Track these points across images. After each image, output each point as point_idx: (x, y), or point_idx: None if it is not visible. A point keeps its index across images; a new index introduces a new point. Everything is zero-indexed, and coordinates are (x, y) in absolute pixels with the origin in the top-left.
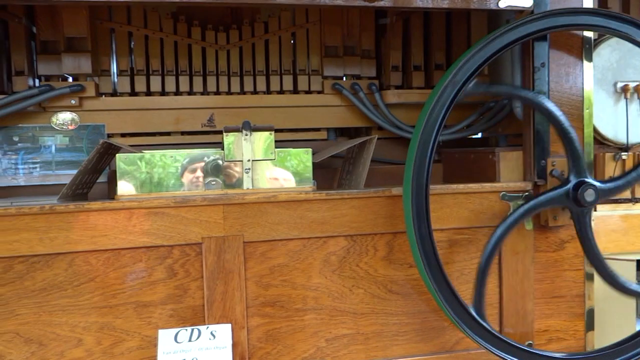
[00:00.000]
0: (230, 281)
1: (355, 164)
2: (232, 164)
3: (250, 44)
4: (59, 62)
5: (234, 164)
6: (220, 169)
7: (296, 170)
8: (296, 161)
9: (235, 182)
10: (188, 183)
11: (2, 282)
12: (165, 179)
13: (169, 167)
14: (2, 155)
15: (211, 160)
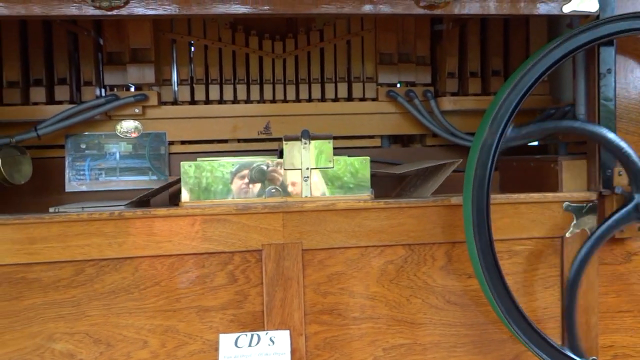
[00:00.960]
0: (289, 288)
1: (426, 180)
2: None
3: (306, 53)
4: (124, 73)
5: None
6: (278, 177)
7: (354, 178)
8: (354, 169)
9: (293, 190)
10: (249, 190)
11: (74, 284)
12: (227, 186)
13: (232, 174)
14: (71, 161)
15: (269, 168)
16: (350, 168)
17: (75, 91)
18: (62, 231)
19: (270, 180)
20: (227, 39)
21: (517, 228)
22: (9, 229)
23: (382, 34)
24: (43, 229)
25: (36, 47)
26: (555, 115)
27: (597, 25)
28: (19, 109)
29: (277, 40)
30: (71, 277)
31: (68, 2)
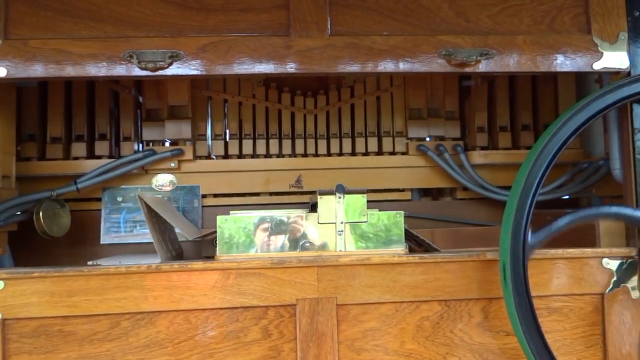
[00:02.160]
0: (323, 344)
1: None
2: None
3: (337, 108)
4: (161, 128)
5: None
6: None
7: (388, 232)
8: (388, 223)
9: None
10: (283, 244)
11: (109, 337)
12: (263, 240)
13: (267, 228)
14: (107, 214)
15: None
16: (384, 222)
17: (115, 146)
18: (100, 284)
19: (291, 232)
20: (261, 96)
21: (555, 284)
22: (49, 281)
23: (411, 90)
24: (82, 282)
25: (79, 105)
26: (588, 170)
27: (630, 82)
28: (60, 163)
29: (308, 97)
30: (107, 330)
31: (116, 63)
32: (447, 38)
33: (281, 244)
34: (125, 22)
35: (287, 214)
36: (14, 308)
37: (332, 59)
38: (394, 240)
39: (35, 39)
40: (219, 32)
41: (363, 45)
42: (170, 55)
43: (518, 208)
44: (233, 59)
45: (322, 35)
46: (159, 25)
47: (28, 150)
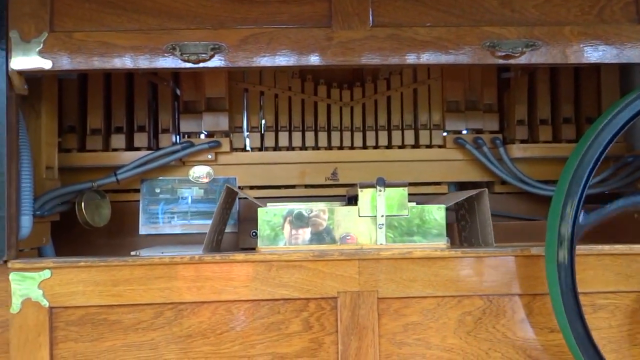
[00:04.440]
0: (364, 337)
1: (472, 219)
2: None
3: (373, 101)
4: (199, 120)
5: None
6: (321, 223)
7: (429, 226)
8: (430, 217)
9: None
10: (324, 237)
11: (153, 327)
12: (304, 233)
13: (306, 220)
14: (145, 205)
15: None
16: (426, 216)
17: (153, 138)
18: (144, 274)
19: (330, 225)
20: (297, 88)
21: (601, 281)
22: (94, 271)
23: (448, 82)
24: (126, 272)
25: (118, 97)
26: (633, 164)
27: None
28: (100, 154)
29: (344, 89)
30: (151, 319)
31: (159, 56)
32: (492, 29)
33: (321, 237)
34: (168, 14)
35: (327, 206)
36: (61, 297)
37: (374, 51)
38: (435, 234)
39: (79, 32)
40: (261, 24)
41: (405, 36)
42: (213, 47)
43: (567, 200)
44: (274, 50)
45: (364, 26)
46: (202, 17)
47: (69, 141)
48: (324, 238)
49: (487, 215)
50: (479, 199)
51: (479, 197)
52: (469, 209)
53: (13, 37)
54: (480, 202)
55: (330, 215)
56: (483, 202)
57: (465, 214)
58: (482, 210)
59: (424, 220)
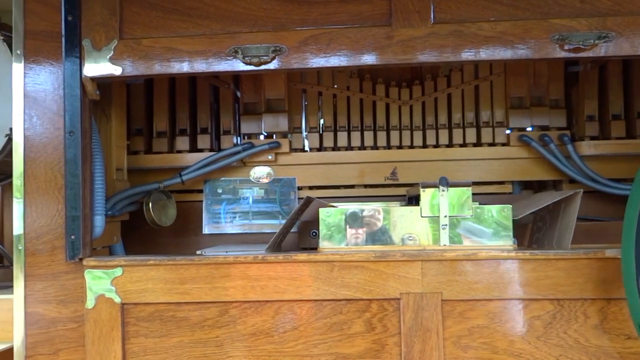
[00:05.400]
0: (428, 340)
1: (553, 221)
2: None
3: (433, 99)
4: (259, 122)
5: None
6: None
7: (495, 227)
8: (495, 217)
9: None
10: (386, 238)
11: (218, 324)
12: (366, 233)
13: (369, 221)
14: (208, 205)
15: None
16: (491, 216)
17: (215, 139)
18: (210, 273)
19: (392, 225)
20: (355, 88)
21: None
22: (162, 269)
23: (512, 77)
24: (193, 270)
25: (182, 100)
26: None
27: None
28: (165, 156)
29: (403, 88)
30: (216, 317)
31: (222, 59)
32: (561, 21)
33: (382, 237)
34: (230, 18)
35: (388, 207)
36: (132, 293)
37: (436, 48)
38: (501, 235)
39: (147, 38)
40: (320, 25)
41: (468, 32)
42: (274, 49)
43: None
44: (334, 51)
45: (425, 23)
46: (263, 20)
47: (136, 144)
48: (386, 238)
49: (572, 218)
50: (569, 200)
51: (570, 199)
52: (552, 210)
53: (86, 45)
54: (571, 204)
55: (392, 215)
56: (573, 204)
57: (546, 215)
58: (568, 213)
59: (489, 221)
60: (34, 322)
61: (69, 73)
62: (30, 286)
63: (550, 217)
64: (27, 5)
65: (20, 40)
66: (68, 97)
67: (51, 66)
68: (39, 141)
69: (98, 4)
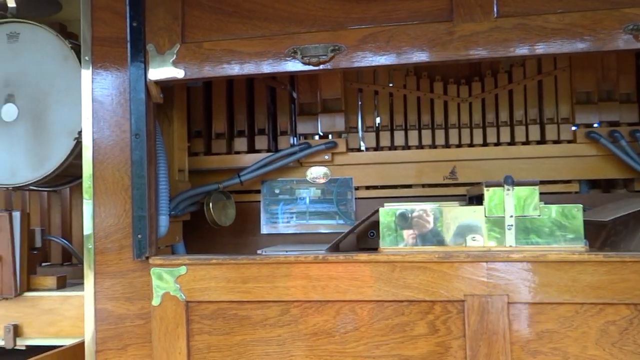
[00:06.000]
0: (494, 343)
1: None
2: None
3: (493, 95)
4: (315, 122)
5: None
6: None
7: (564, 228)
8: (565, 218)
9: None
10: (447, 238)
11: (280, 323)
12: (427, 233)
13: (431, 221)
14: (266, 205)
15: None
16: (560, 216)
17: (272, 140)
18: (271, 272)
19: (455, 226)
20: (412, 86)
21: None
22: (225, 268)
23: (578, 72)
24: (254, 270)
25: (240, 102)
26: None
27: None
28: (224, 157)
29: (462, 84)
30: (277, 316)
31: (281, 60)
32: (635, 10)
33: (445, 238)
34: (289, 19)
35: (451, 206)
36: (196, 292)
37: (499, 43)
38: (571, 237)
39: (208, 41)
40: (379, 23)
41: (534, 25)
42: (332, 48)
43: None
44: (394, 48)
45: (488, 17)
46: (321, 20)
47: (196, 145)
48: (448, 239)
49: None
50: None
51: None
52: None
53: (150, 50)
54: None
55: (455, 215)
56: None
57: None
58: None
59: (558, 222)
60: (103, 318)
61: (134, 77)
62: (99, 283)
63: (635, 220)
64: (94, 14)
65: (88, 47)
66: (133, 100)
67: (117, 71)
68: (106, 144)
69: (161, 10)
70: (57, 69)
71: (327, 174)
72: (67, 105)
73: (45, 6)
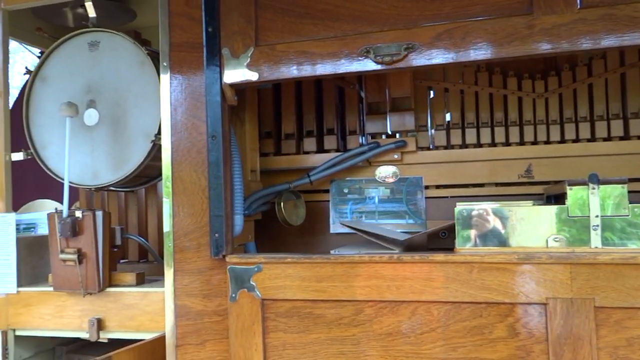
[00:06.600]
0: (579, 349)
1: None
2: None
3: (571, 90)
4: (384, 121)
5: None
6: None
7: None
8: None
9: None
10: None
11: (354, 323)
12: (506, 233)
13: (510, 220)
14: (335, 205)
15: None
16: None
17: (341, 140)
18: (345, 271)
19: (534, 226)
20: (484, 82)
21: None
22: (299, 267)
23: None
24: (328, 269)
25: (308, 102)
26: None
27: None
28: (293, 157)
29: (537, 79)
30: (352, 316)
31: (354, 60)
32: None
33: (525, 238)
34: (361, 19)
35: (531, 205)
36: (271, 290)
37: (583, 35)
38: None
39: (281, 44)
40: (454, 19)
41: (622, 15)
42: (406, 47)
43: None
44: (469, 44)
45: (571, 9)
46: (394, 19)
47: (266, 146)
48: (528, 239)
49: None
50: None
51: None
52: None
53: (225, 54)
54: None
55: (535, 215)
56: None
57: None
58: None
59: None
60: (182, 314)
61: (210, 81)
62: (178, 280)
63: None
64: (171, 21)
65: (165, 53)
66: (209, 103)
67: (193, 75)
68: (184, 146)
69: (235, 14)
70: (134, 75)
71: (397, 173)
72: (144, 109)
73: (121, 15)
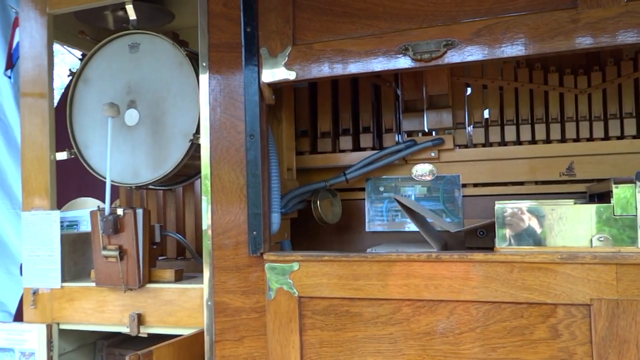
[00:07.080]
0: (625, 352)
1: None
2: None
3: (616, 85)
4: (420, 119)
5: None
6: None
7: None
8: None
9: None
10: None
11: (391, 321)
12: (549, 232)
13: (552, 219)
14: (370, 203)
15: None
16: None
17: (377, 138)
18: (382, 270)
19: (578, 225)
20: (524, 79)
21: None
22: (336, 265)
23: None
24: (365, 267)
25: (344, 101)
26: None
27: None
28: (329, 156)
29: (580, 75)
30: (389, 314)
31: (392, 57)
32: None
33: (569, 237)
34: (399, 16)
35: (574, 204)
36: (308, 287)
37: (632, 28)
38: None
39: (318, 42)
40: (494, 14)
41: None
42: (445, 43)
43: None
44: (511, 40)
45: (618, 2)
46: (432, 15)
47: (302, 144)
48: (572, 238)
49: None
50: None
51: None
52: None
53: (263, 53)
54: None
55: (579, 214)
56: None
57: None
58: None
59: None
60: (220, 311)
61: (248, 80)
62: (217, 277)
63: None
64: (210, 21)
65: (204, 53)
66: (248, 102)
67: (232, 75)
68: (222, 144)
69: (273, 14)
70: (173, 75)
71: (433, 172)
72: (182, 109)
73: (160, 17)
